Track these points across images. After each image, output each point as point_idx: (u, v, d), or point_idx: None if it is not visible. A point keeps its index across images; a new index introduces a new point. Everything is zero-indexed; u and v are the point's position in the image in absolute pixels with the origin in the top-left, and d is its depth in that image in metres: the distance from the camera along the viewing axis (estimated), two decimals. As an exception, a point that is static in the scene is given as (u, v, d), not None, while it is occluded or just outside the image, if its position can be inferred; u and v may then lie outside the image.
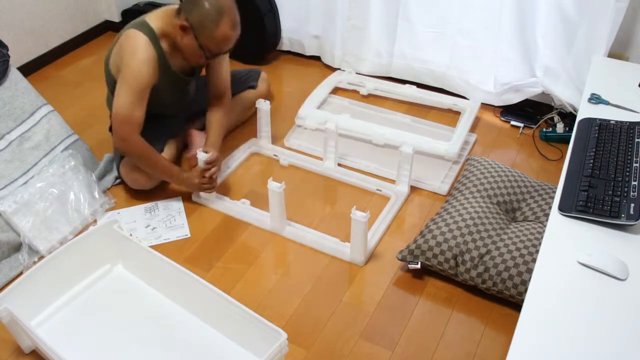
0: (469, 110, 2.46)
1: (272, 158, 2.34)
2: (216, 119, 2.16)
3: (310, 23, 2.82)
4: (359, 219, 1.75)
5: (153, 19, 1.93)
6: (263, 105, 2.27)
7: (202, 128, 2.27)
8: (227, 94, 2.20)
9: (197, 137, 2.25)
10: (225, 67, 2.16)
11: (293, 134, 2.44)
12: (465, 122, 2.38)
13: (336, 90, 2.71)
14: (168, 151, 2.14)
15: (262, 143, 2.37)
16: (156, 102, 1.98)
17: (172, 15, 1.92)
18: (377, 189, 2.15)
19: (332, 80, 2.69)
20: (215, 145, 2.11)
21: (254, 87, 2.47)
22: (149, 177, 2.07)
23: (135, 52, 1.87)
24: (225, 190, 2.18)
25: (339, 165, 2.26)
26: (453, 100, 2.55)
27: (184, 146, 2.30)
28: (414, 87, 2.63)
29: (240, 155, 2.32)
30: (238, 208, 2.06)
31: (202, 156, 2.01)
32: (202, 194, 2.07)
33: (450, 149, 2.24)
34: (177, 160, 2.24)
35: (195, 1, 1.86)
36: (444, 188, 2.15)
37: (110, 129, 2.09)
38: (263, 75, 2.53)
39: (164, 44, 1.93)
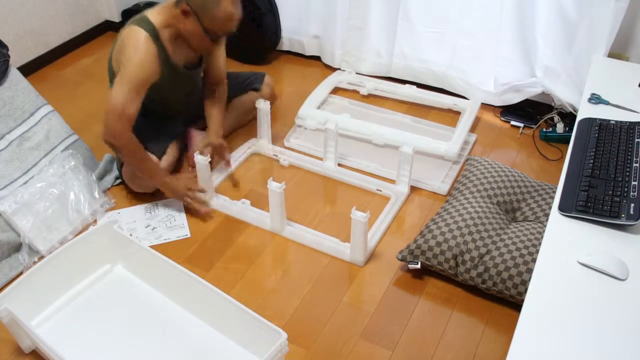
0: (469, 110, 2.46)
1: (272, 158, 2.34)
2: (215, 108, 2.19)
3: (310, 23, 2.82)
4: (359, 219, 1.75)
5: (153, 14, 1.93)
6: (263, 105, 2.27)
7: (202, 128, 2.27)
8: (223, 83, 2.22)
9: (196, 136, 2.25)
10: (222, 56, 2.18)
11: (293, 134, 2.44)
12: (465, 122, 2.38)
13: (336, 90, 2.71)
14: (170, 154, 2.12)
15: (262, 143, 2.37)
16: (162, 101, 1.97)
17: (171, 7, 1.92)
18: (377, 189, 2.15)
19: (332, 80, 2.69)
20: (217, 133, 2.13)
21: (257, 90, 2.45)
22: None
23: (135, 47, 1.87)
24: (225, 190, 2.18)
25: (339, 165, 2.26)
26: (453, 100, 2.55)
27: (185, 148, 2.30)
28: (414, 87, 2.62)
29: (240, 155, 2.32)
30: (238, 208, 2.06)
31: (200, 159, 1.98)
32: (201, 195, 2.06)
33: (450, 149, 2.24)
34: (178, 162, 2.23)
35: None
36: (444, 188, 2.15)
37: None
38: (267, 78, 2.50)
39: (164, 39, 1.93)
